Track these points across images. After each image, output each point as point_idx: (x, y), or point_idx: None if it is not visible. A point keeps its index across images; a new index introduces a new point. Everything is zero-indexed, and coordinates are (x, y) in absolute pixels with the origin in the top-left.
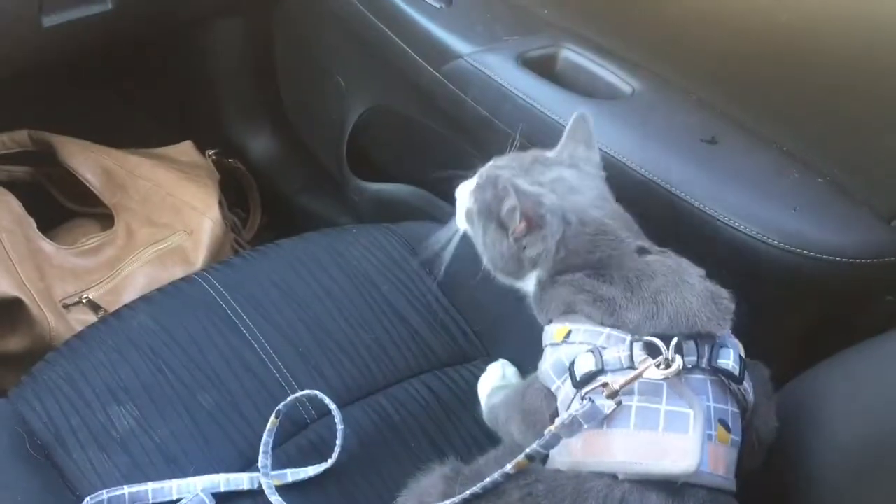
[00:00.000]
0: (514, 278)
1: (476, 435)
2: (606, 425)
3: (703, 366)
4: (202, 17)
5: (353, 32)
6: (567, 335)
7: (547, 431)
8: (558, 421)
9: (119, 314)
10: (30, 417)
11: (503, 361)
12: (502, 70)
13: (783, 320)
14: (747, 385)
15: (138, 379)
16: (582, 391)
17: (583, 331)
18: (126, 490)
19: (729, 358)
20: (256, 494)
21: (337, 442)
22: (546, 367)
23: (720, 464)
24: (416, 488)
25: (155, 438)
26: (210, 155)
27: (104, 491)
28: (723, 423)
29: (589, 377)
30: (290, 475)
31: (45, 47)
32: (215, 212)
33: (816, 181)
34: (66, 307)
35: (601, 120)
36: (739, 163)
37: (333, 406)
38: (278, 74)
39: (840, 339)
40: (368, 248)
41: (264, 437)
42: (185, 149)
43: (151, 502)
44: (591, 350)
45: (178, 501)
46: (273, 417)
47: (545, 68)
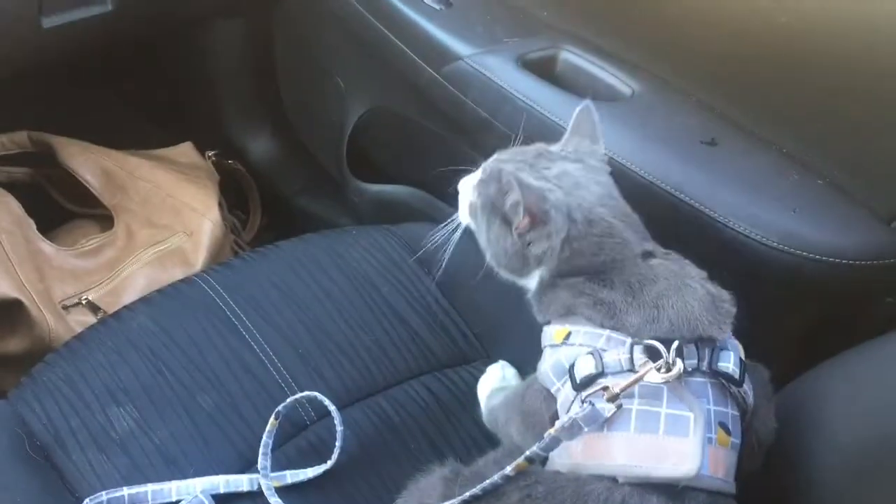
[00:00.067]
0: (518, 276)
1: (475, 436)
2: (607, 428)
3: (704, 369)
4: (202, 18)
5: (353, 34)
6: (567, 337)
7: (547, 434)
8: (558, 424)
9: (118, 315)
10: (29, 419)
11: (503, 363)
12: (502, 72)
13: (783, 321)
14: (747, 388)
15: (138, 380)
16: (582, 394)
17: (582, 332)
18: (125, 491)
19: (729, 361)
20: (256, 496)
21: (336, 443)
22: (546, 369)
23: (720, 467)
24: (416, 490)
25: (154, 440)
26: (210, 156)
27: (104, 492)
28: (723, 427)
29: (589, 380)
30: (290, 476)
31: (45, 48)
32: (215, 213)
33: (816, 183)
34: (66, 308)
35: (601, 122)
36: (739, 164)
37: (333, 407)
38: (278, 75)
39: (840, 341)
40: (368, 250)
41: (264, 439)
42: (185, 150)
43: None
44: (591, 352)
45: (178, 503)
46: (273, 419)
47: (545, 70)
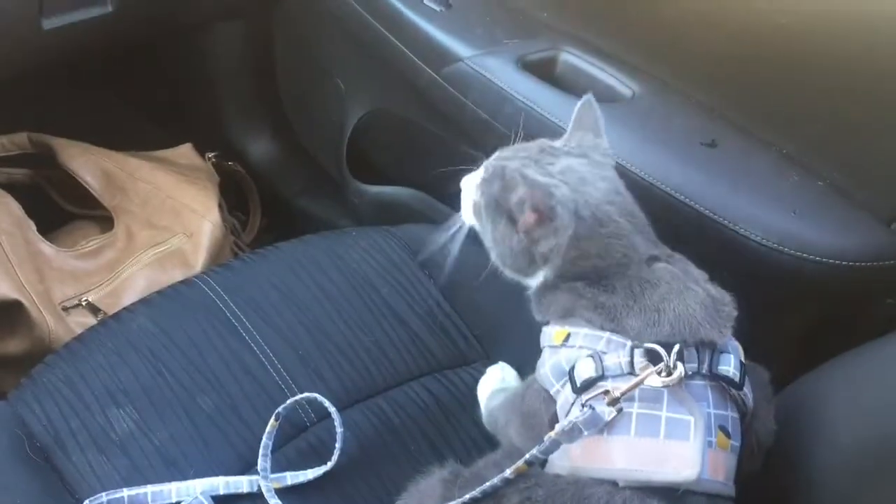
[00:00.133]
0: (523, 275)
1: (475, 438)
2: (607, 432)
3: (704, 372)
4: (202, 20)
5: (353, 35)
6: (566, 338)
7: (547, 438)
8: (558, 427)
9: (118, 317)
10: (29, 420)
11: (503, 364)
12: (502, 73)
13: (783, 322)
14: (747, 390)
15: (138, 382)
16: (582, 397)
17: (582, 334)
18: (125, 493)
19: (729, 364)
20: (256, 497)
21: (336, 445)
22: (545, 371)
23: (720, 470)
24: (416, 491)
25: (154, 441)
26: (210, 158)
27: (103, 493)
28: (723, 430)
29: (589, 383)
30: (290, 478)
31: (45, 49)
32: (215, 215)
33: (816, 184)
34: (66, 309)
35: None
36: (739, 166)
37: (333, 409)
38: (278, 77)
39: (840, 342)
40: (368, 251)
41: (264, 440)
42: (185, 151)
43: None
44: (592, 355)
45: None
46: (272, 420)
47: (545, 71)
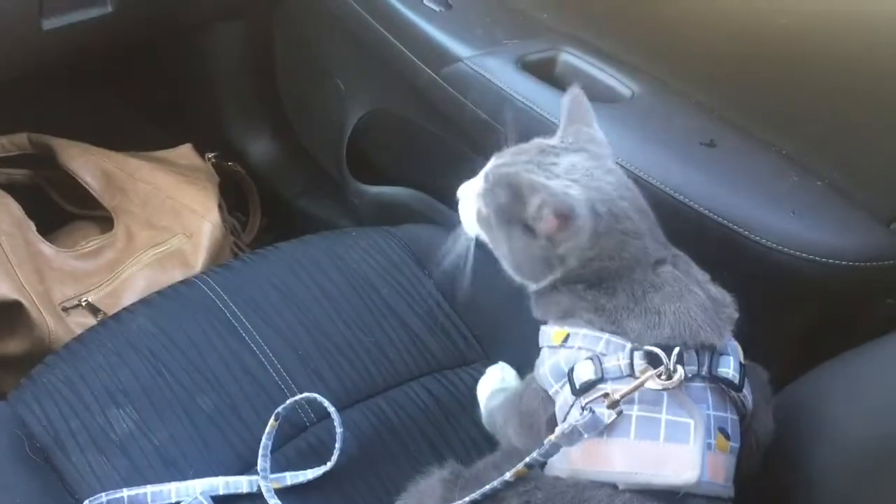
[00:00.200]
0: (536, 281)
1: (475, 438)
2: (606, 435)
3: (703, 374)
4: (202, 21)
5: (353, 35)
6: (565, 339)
7: (547, 441)
8: (558, 430)
9: (118, 317)
10: (29, 420)
11: (502, 364)
12: (502, 73)
13: (783, 322)
14: (746, 392)
15: (137, 382)
16: (582, 400)
17: (581, 335)
18: (125, 493)
19: (729, 366)
20: (255, 497)
21: (336, 445)
22: (544, 371)
23: (720, 472)
24: (415, 491)
25: (154, 441)
26: (210, 158)
27: (103, 494)
28: (722, 432)
29: (588, 385)
30: (290, 478)
31: (45, 50)
32: (215, 215)
33: (815, 184)
34: (66, 310)
35: (600, 123)
36: (738, 166)
37: (332, 409)
38: (278, 77)
39: (840, 342)
40: (368, 251)
41: (263, 440)
42: (185, 152)
43: None
44: (591, 357)
45: None
46: (272, 420)
47: (544, 72)
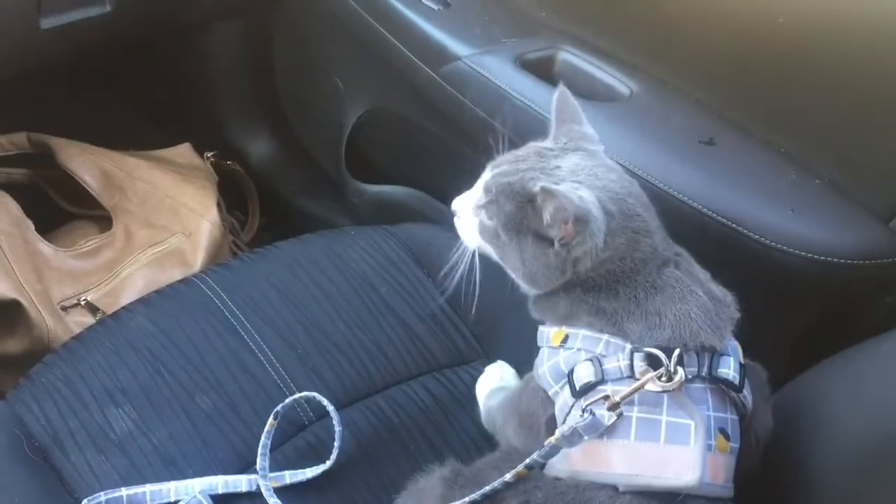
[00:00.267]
0: (550, 288)
1: (474, 437)
2: (606, 436)
3: (703, 374)
4: (201, 20)
5: (352, 34)
6: (564, 340)
7: (547, 443)
8: (558, 432)
9: (117, 316)
10: (28, 420)
11: (501, 363)
12: (500, 72)
13: (782, 320)
14: (746, 392)
15: (136, 381)
16: (581, 402)
17: (581, 336)
18: (124, 492)
19: (729, 367)
20: (255, 496)
21: (335, 444)
22: (544, 371)
23: (720, 473)
24: (415, 490)
25: (153, 440)
26: (208, 157)
27: (102, 493)
28: (723, 432)
29: (588, 387)
30: (289, 477)
31: (44, 49)
32: (214, 214)
33: (814, 182)
34: (65, 309)
35: (599, 122)
36: (737, 164)
37: (332, 408)
38: (277, 76)
39: (839, 340)
40: (367, 250)
41: (262, 439)
42: (184, 151)
43: None
44: (591, 359)
45: (176, 503)
46: (271, 419)
47: (543, 70)
